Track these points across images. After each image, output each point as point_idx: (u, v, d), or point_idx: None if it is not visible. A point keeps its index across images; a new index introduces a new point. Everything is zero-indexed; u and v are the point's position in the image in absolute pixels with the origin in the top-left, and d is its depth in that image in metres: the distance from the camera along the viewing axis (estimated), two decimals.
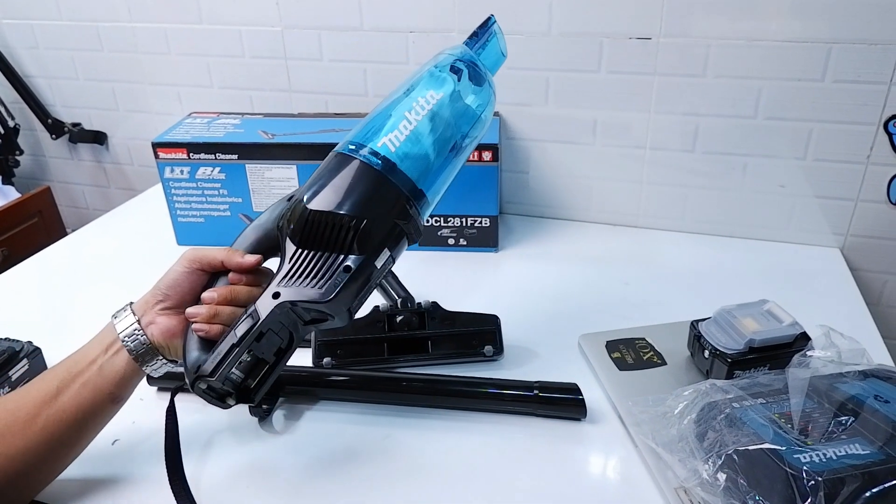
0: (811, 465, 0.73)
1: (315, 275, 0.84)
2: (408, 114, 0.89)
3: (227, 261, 0.89)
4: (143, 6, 1.78)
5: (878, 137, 1.36)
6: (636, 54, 1.43)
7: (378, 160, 0.86)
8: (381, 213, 0.86)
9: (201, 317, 0.86)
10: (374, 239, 0.86)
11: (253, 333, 0.84)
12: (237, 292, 0.89)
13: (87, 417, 0.87)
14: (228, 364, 0.83)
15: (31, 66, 2.01)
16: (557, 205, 1.66)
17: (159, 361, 0.89)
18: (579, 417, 1.04)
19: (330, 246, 0.85)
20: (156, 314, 0.88)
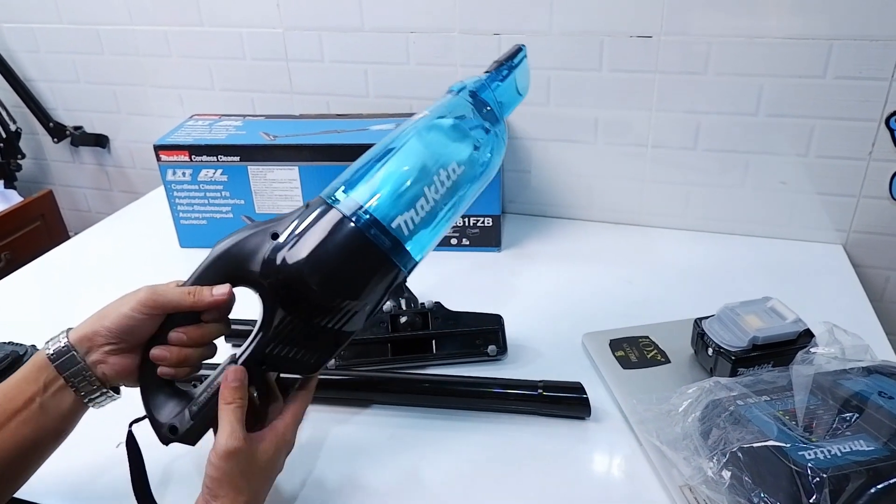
0: (816, 462, 0.73)
1: (302, 346, 0.81)
2: (427, 190, 0.82)
3: (198, 304, 0.81)
4: (144, 9, 1.78)
5: (880, 133, 1.36)
6: (637, 52, 1.43)
7: (388, 241, 0.79)
8: (381, 294, 0.83)
9: (169, 361, 0.82)
10: (368, 316, 0.83)
11: None
12: (208, 332, 0.84)
13: (28, 454, 0.82)
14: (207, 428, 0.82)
15: (32, 69, 2.01)
16: (559, 203, 1.66)
17: (107, 398, 0.85)
18: (583, 416, 1.04)
19: (325, 322, 0.80)
20: (105, 354, 0.81)
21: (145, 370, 0.83)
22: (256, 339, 0.82)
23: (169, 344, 0.82)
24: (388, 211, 0.80)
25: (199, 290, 0.82)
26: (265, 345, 0.81)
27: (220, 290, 0.81)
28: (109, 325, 0.81)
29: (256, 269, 0.80)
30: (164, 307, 0.81)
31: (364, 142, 1.43)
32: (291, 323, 0.80)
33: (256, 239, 0.81)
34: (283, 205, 1.48)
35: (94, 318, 0.83)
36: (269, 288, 0.80)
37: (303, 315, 0.80)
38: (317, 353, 0.82)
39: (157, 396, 0.83)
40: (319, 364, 0.83)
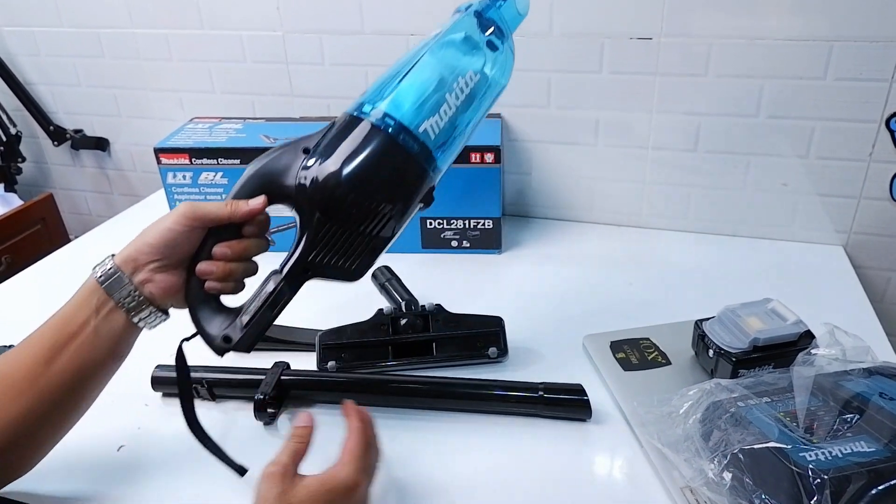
0: (817, 464, 0.73)
1: (344, 253, 0.86)
2: (449, 96, 0.87)
3: (235, 214, 0.85)
4: (145, 12, 1.78)
5: (881, 135, 1.36)
6: (637, 54, 1.43)
7: (416, 146, 0.85)
8: (414, 200, 0.88)
9: (215, 275, 0.86)
10: (403, 222, 0.88)
11: (282, 307, 0.86)
12: (250, 246, 0.88)
13: (88, 378, 0.85)
14: (259, 336, 0.86)
15: (32, 73, 2.01)
16: (560, 206, 1.66)
17: (157, 317, 0.87)
18: (584, 418, 1.03)
19: (362, 227, 0.85)
20: (151, 272, 0.85)
21: (192, 287, 0.86)
22: (299, 248, 0.86)
23: (214, 258, 0.86)
24: (415, 117, 0.85)
25: (236, 202, 0.85)
26: (307, 253, 0.85)
27: (255, 202, 0.85)
28: (151, 241, 0.84)
29: (291, 182, 0.85)
30: (203, 219, 0.84)
31: None
32: (330, 231, 0.84)
33: (288, 155, 0.86)
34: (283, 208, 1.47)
35: (137, 238, 0.86)
36: (305, 200, 0.84)
37: (340, 222, 0.84)
38: (357, 258, 0.86)
39: (205, 311, 0.87)
40: (360, 270, 0.87)
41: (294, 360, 1.12)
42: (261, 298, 0.85)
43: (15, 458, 0.86)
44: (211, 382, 1.08)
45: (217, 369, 1.10)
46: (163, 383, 1.10)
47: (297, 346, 1.19)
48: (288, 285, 0.86)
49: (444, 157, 0.88)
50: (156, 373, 1.11)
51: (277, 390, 1.07)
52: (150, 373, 1.10)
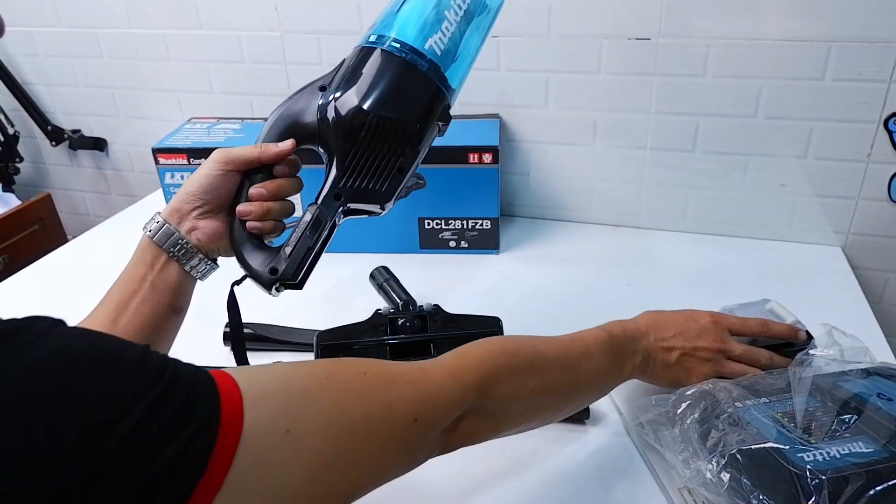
0: (815, 464, 0.73)
1: (372, 175, 0.90)
2: (448, 13, 0.91)
3: (265, 154, 0.90)
4: (143, 12, 1.78)
5: (879, 135, 1.36)
6: (636, 55, 1.43)
7: (425, 63, 0.89)
8: (431, 118, 0.92)
9: (254, 214, 0.89)
10: (424, 142, 0.92)
11: (323, 234, 0.90)
12: (283, 186, 0.92)
13: (154, 332, 0.89)
14: (308, 266, 0.90)
15: (30, 73, 2.01)
16: (558, 206, 1.66)
17: (207, 266, 0.92)
18: (582, 419, 1.03)
19: (386, 149, 0.89)
20: (196, 220, 0.90)
21: (235, 228, 0.91)
22: (330, 178, 0.90)
23: (251, 200, 0.90)
24: (419, 36, 0.89)
25: (265, 144, 0.90)
26: (338, 181, 0.90)
27: (284, 144, 0.90)
28: (191, 189, 0.89)
29: (312, 119, 0.91)
30: (235, 161, 0.89)
31: None
32: (356, 157, 0.89)
33: (305, 97, 0.92)
34: None
35: (178, 191, 0.91)
36: (329, 132, 0.89)
37: (366, 147, 0.89)
38: (386, 180, 0.91)
39: (249, 250, 0.91)
40: (391, 192, 0.92)
41: (292, 360, 1.12)
42: (301, 227, 0.89)
43: None
44: None
45: None
46: None
47: (296, 346, 1.20)
48: (323, 212, 0.90)
49: (454, 74, 0.92)
50: None
51: None
52: None
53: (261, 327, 1.22)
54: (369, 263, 1.36)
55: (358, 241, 1.52)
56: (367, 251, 1.51)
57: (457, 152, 1.43)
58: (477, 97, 1.58)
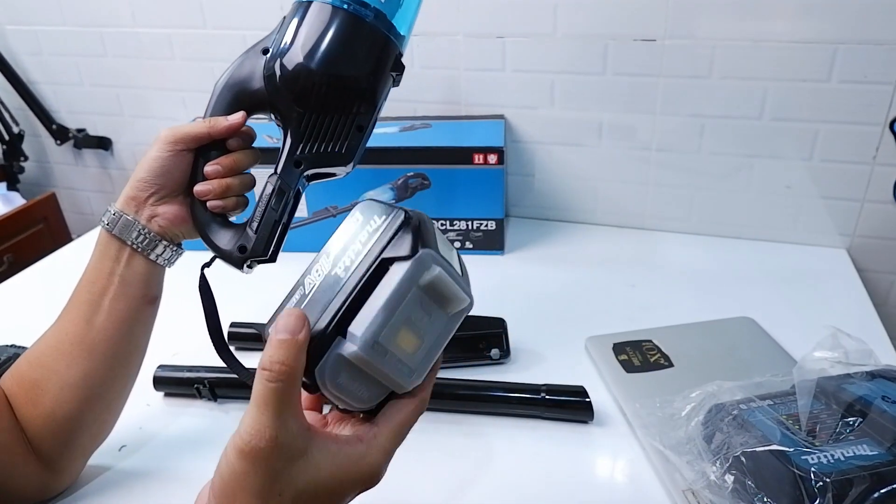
0: (819, 467, 0.73)
1: (330, 138, 0.85)
2: None
3: (214, 129, 0.85)
4: (147, 11, 1.78)
5: (884, 138, 1.36)
6: (641, 56, 1.43)
7: (370, 12, 0.83)
8: (384, 70, 0.86)
9: (213, 193, 0.85)
10: (378, 95, 0.87)
11: (289, 204, 0.86)
12: (240, 159, 0.87)
13: (132, 326, 0.87)
14: (278, 239, 0.86)
15: (35, 72, 2.01)
16: (563, 207, 1.66)
17: (173, 253, 0.89)
18: (586, 420, 1.03)
19: (340, 109, 0.84)
20: (154, 206, 0.86)
21: (197, 210, 0.87)
22: (287, 145, 0.85)
23: (208, 178, 0.86)
24: None
25: (214, 119, 0.86)
26: (295, 147, 0.85)
27: (234, 117, 0.85)
28: (143, 175, 0.85)
29: (259, 86, 0.85)
30: (184, 139, 0.85)
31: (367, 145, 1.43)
32: (310, 120, 0.84)
33: (249, 62, 0.86)
34: None
35: (130, 180, 0.87)
36: (277, 96, 0.84)
37: (318, 108, 0.84)
38: (345, 140, 0.86)
39: (214, 230, 0.87)
40: (351, 152, 0.86)
41: None
42: (263, 201, 0.86)
43: (94, 422, 0.89)
44: (212, 383, 1.08)
45: (218, 369, 1.10)
46: (165, 383, 1.10)
47: None
48: (285, 181, 0.85)
49: (402, 19, 0.86)
50: (157, 373, 1.11)
51: None
52: (151, 373, 1.10)
53: (262, 327, 1.22)
54: None
55: None
56: None
57: (462, 153, 1.43)
58: (482, 98, 1.58)
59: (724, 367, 1.08)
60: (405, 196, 1.47)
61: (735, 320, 1.22)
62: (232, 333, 1.21)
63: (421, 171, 1.45)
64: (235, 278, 0.88)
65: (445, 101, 1.61)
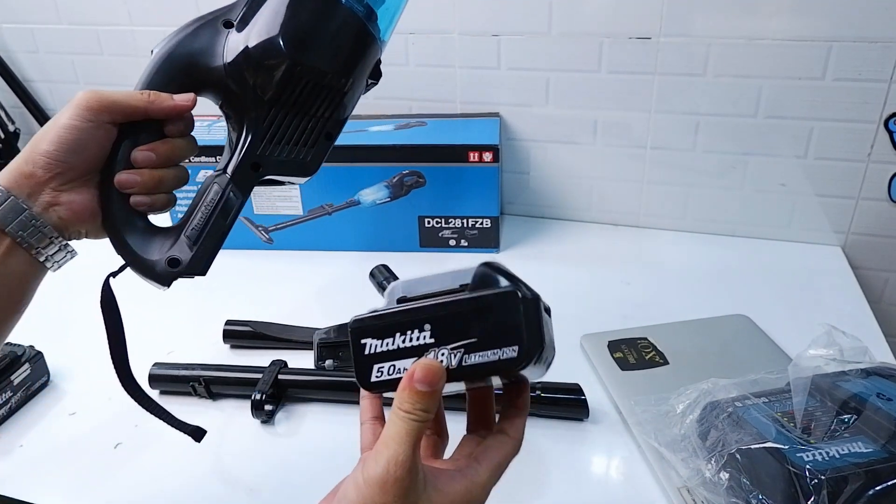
0: (814, 464, 0.73)
1: (296, 141, 0.75)
2: None
3: (154, 106, 0.70)
4: (143, 10, 1.78)
5: (879, 135, 1.36)
6: (636, 54, 1.43)
7: (362, 7, 0.74)
8: (363, 73, 0.77)
9: (142, 185, 0.69)
10: (353, 101, 0.78)
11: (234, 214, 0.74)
12: (178, 148, 0.73)
13: None
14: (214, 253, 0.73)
15: (31, 70, 2.01)
16: (558, 205, 1.66)
17: (65, 252, 0.71)
18: (582, 418, 1.03)
19: (314, 108, 0.74)
20: (56, 192, 0.67)
21: (112, 205, 0.70)
22: (245, 143, 0.74)
23: (136, 167, 0.70)
24: None
25: (157, 94, 0.70)
26: (256, 147, 0.74)
27: (183, 98, 0.71)
28: (48, 148, 0.66)
29: (217, 63, 0.72)
30: (112, 109, 0.68)
31: (363, 143, 1.43)
32: (278, 116, 0.73)
33: (205, 33, 0.74)
34: (281, 206, 1.48)
35: (28, 147, 0.67)
36: (241, 81, 0.72)
37: (291, 105, 0.73)
38: (312, 147, 0.76)
39: (135, 234, 0.72)
40: (316, 161, 0.77)
41: (291, 358, 1.12)
42: (208, 207, 0.72)
43: None
44: (208, 380, 1.08)
45: (214, 367, 1.11)
46: (160, 381, 1.10)
47: (295, 344, 1.19)
48: (238, 188, 0.74)
49: (387, 24, 0.79)
50: (153, 371, 1.10)
51: (275, 389, 1.07)
52: (147, 370, 1.10)
53: (260, 325, 1.22)
54: (369, 261, 1.36)
55: (358, 239, 1.52)
56: (368, 249, 1.51)
57: (457, 151, 1.43)
58: (477, 95, 1.58)
59: (719, 365, 1.08)
60: (400, 194, 1.47)
61: (730, 318, 1.23)
62: (227, 331, 1.21)
63: (416, 169, 1.45)
64: (233, 275, 0.86)
65: (440, 99, 1.61)
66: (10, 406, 1.07)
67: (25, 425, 1.06)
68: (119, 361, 0.74)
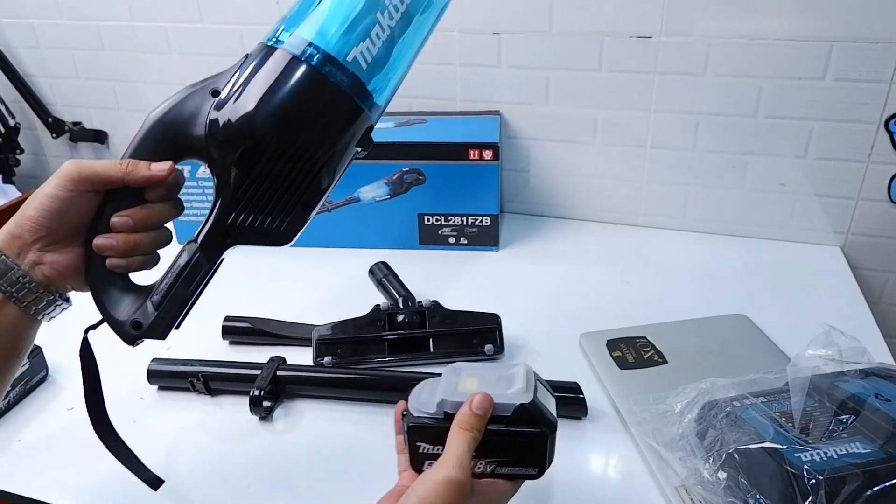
0: (812, 464, 0.73)
1: (270, 211, 0.74)
2: (381, 16, 0.73)
3: (131, 176, 0.72)
4: (144, 5, 1.77)
5: (879, 136, 1.36)
6: (637, 53, 1.43)
7: (346, 78, 0.72)
8: (348, 145, 0.76)
9: (117, 249, 0.73)
10: (337, 172, 0.77)
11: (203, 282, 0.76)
12: (156, 213, 0.75)
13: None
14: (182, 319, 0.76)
15: (31, 65, 2.00)
16: (558, 203, 1.66)
17: (56, 307, 0.75)
18: (580, 416, 1.04)
19: (289, 180, 0.74)
20: (40, 252, 0.72)
21: (92, 265, 0.74)
22: (216, 209, 0.74)
23: (113, 231, 0.73)
24: (342, 43, 0.72)
25: (134, 163, 0.72)
26: (226, 215, 0.74)
27: (159, 167, 0.72)
28: (33, 214, 0.71)
29: (200, 132, 0.73)
30: (92, 180, 0.71)
31: None
32: (252, 186, 0.73)
33: (195, 100, 0.74)
34: None
35: (17, 213, 0.72)
36: (219, 150, 0.73)
37: (264, 175, 0.73)
38: (287, 216, 0.75)
39: (109, 293, 0.75)
40: (291, 232, 0.77)
41: (290, 354, 1.12)
42: (174, 273, 0.74)
43: None
44: (206, 376, 1.09)
45: (213, 363, 1.11)
46: (159, 377, 1.10)
47: (294, 340, 1.20)
48: (205, 255, 0.75)
49: (383, 87, 0.76)
50: (151, 366, 1.10)
51: (273, 385, 1.07)
52: (145, 366, 1.10)
53: (259, 321, 1.22)
54: (369, 258, 1.36)
55: (357, 236, 1.52)
56: (367, 246, 1.51)
57: (457, 148, 1.43)
58: (477, 93, 1.58)
59: (718, 364, 1.08)
60: (400, 191, 1.47)
61: (729, 317, 1.23)
62: (226, 328, 1.21)
63: (416, 167, 1.45)
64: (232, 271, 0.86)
65: (441, 97, 1.61)
66: (8, 401, 1.07)
67: (24, 420, 1.06)
68: (94, 409, 0.80)
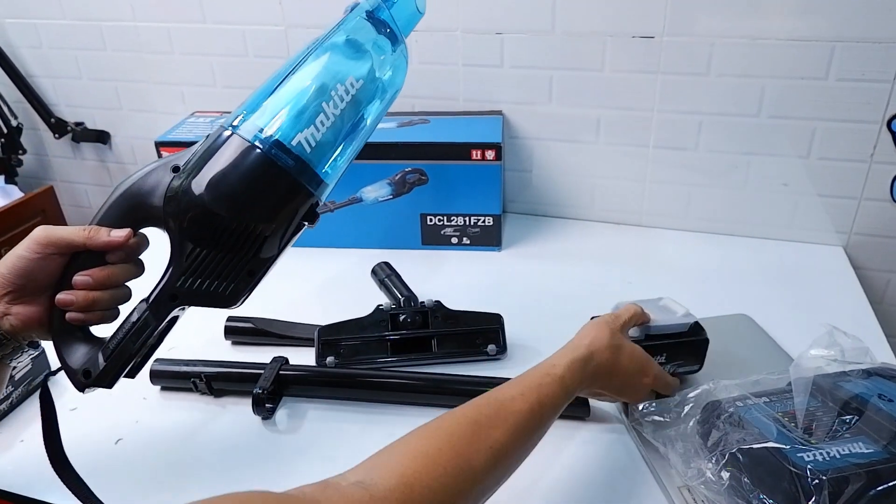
0: (815, 464, 0.73)
1: (216, 277, 0.80)
2: (326, 106, 0.80)
3: (92, 241, 0.79)
4: (147, 5, 1.78)
5: (882, 136, 1.36)
6: (639, 53, 1.43)
7: (291, 160, 0.79)
8: (291, 217, 0.82)
9: (77, 305, 0.79)
10: (281, 243, 0.82)
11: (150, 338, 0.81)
12: (115, 274, 0.81)
13: None
14: (130, 370, 0.82)
15: (34, 65, 2.01)
16: (560, 203, 1.66)
17: (21, 352, 0.84)
18: (583, 416, 1.03)
19: (234, 249, 0.79)
20: (8, 305, 0.79)
21: (54, 318, 0.80)
22: (167, 274, 0.80)
23: (74, 288, 0.80)
24: (287, 130, 0.79)
25: (96, 229, 0.79)
26: (176, 279, 0.80)
27: (118, 234, 0.80)
28: (3, 272, 0.78)
29: (159, 203, 0.79)
30: (57, 244, 0.78)
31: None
32: (201, 254, 0.79)
33: (157, 174, 0.81)
34: None
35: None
36: (173, 221, 0.79)
37: (211, 244, 0.79)
38: (232, 282, 0.80)
39: (68, 343, 0.81)
40: (236, 296, 0.81)
41: (293, 354, 1.12)
42: (124, 329, 0.80)
43: None
44: (209, 377, 1.09)
45: (215, 363, 1.11)
46: (161, 377, 1.11)
47: (297, 340, 1.20)
48: (153, 314, 0.81)
49: (330, 170, 0.83)
50: (154, 366, 1.10)
51: (276, 385, 1.07)
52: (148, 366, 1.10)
53: (262, 322, 1.22)
54: (371, 259, 1.36)
55: (360, 236, 1.52)
56: (369, 246, 1.51)
57: (460, 149, 1.43)
58: (480, 94, 1.58)
59: (721, 365, 1.08)
60: (402, 191, 1.47)
61: (732, 318, 1.23)
62: (228, 328, 1.22)
63: (419, 167, 1.45)
64: None
65: (443, 97, 1.61)
66: (11, 401, 1.07)
67: (26, 420, 1.06)
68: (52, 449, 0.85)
